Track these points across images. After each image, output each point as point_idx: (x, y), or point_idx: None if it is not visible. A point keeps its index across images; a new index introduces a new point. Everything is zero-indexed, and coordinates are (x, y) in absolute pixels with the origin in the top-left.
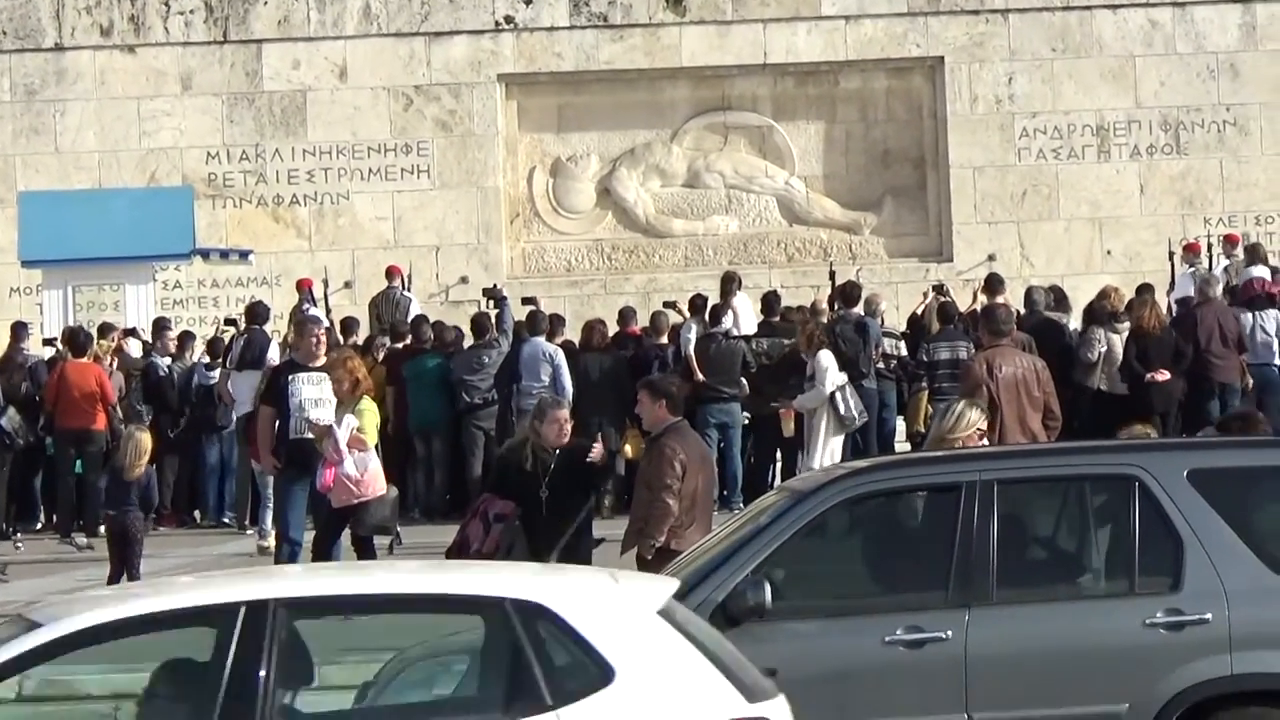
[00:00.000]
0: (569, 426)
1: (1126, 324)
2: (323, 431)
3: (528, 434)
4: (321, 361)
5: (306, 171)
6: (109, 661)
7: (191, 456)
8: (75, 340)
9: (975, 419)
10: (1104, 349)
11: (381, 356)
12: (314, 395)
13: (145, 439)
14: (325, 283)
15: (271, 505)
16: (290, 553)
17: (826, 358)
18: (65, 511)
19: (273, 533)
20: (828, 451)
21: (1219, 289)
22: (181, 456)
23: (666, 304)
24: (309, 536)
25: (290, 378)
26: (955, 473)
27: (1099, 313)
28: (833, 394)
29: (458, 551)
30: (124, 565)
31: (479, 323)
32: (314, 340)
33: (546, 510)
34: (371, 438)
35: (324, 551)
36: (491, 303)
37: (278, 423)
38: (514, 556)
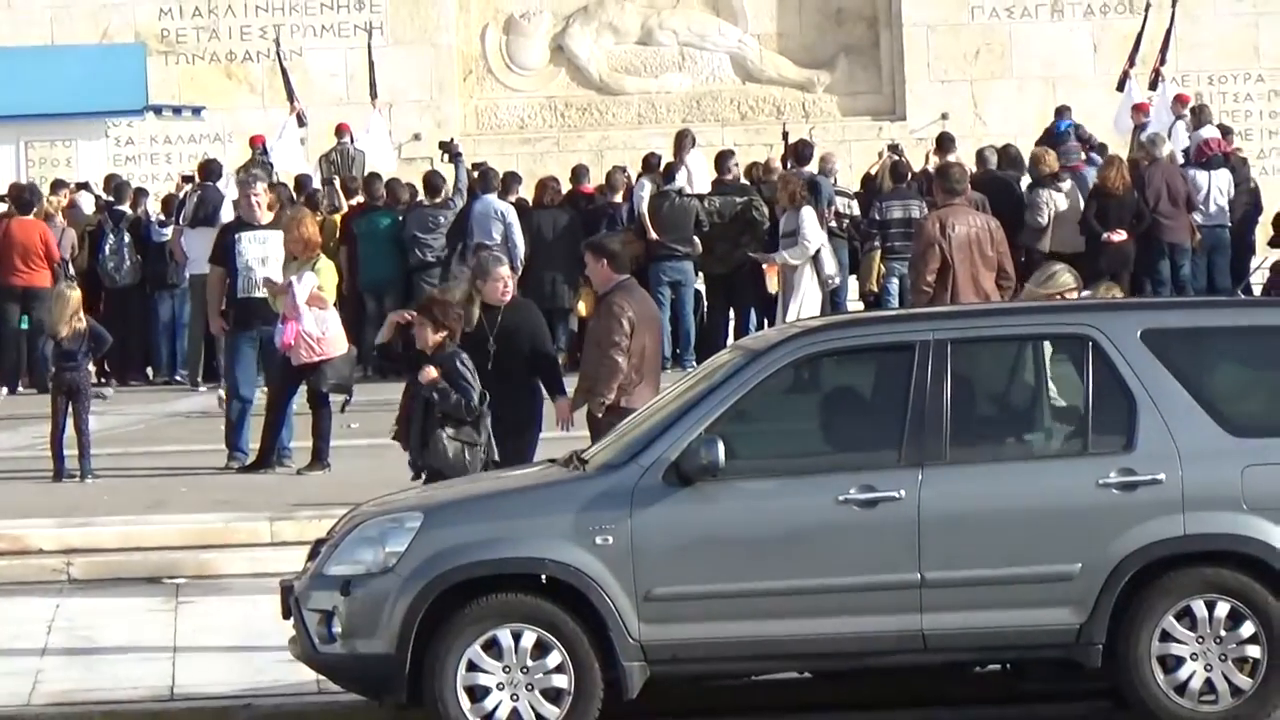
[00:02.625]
0: (511, 284)
1: (1068, 183)
2: (280, 290)
3: (470, 291)
4: (266, 220)
5: (259, 28)
6: None
7: (143, 313)
8: (20, 197)
9: (1069, 281)
10: (1054, 210)
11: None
12: (260, 254)
13: (70, 296)
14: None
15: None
16: (240, 410)
17: (810, 214)
18: (11, 368)
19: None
20: (806, 308)
21: (1166, 149)
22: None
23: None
24: (261, 395)
25: (236, 237)
26: (908, 332)
27: (1042, 175)
28: (816, 251)
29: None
30: (70, 420)
31: (432, 180)
32: (252, 199)
33: (493, 365)
34: (330, 296)
35: (279, 407)
36: (447, 158)
37: (227, 282)
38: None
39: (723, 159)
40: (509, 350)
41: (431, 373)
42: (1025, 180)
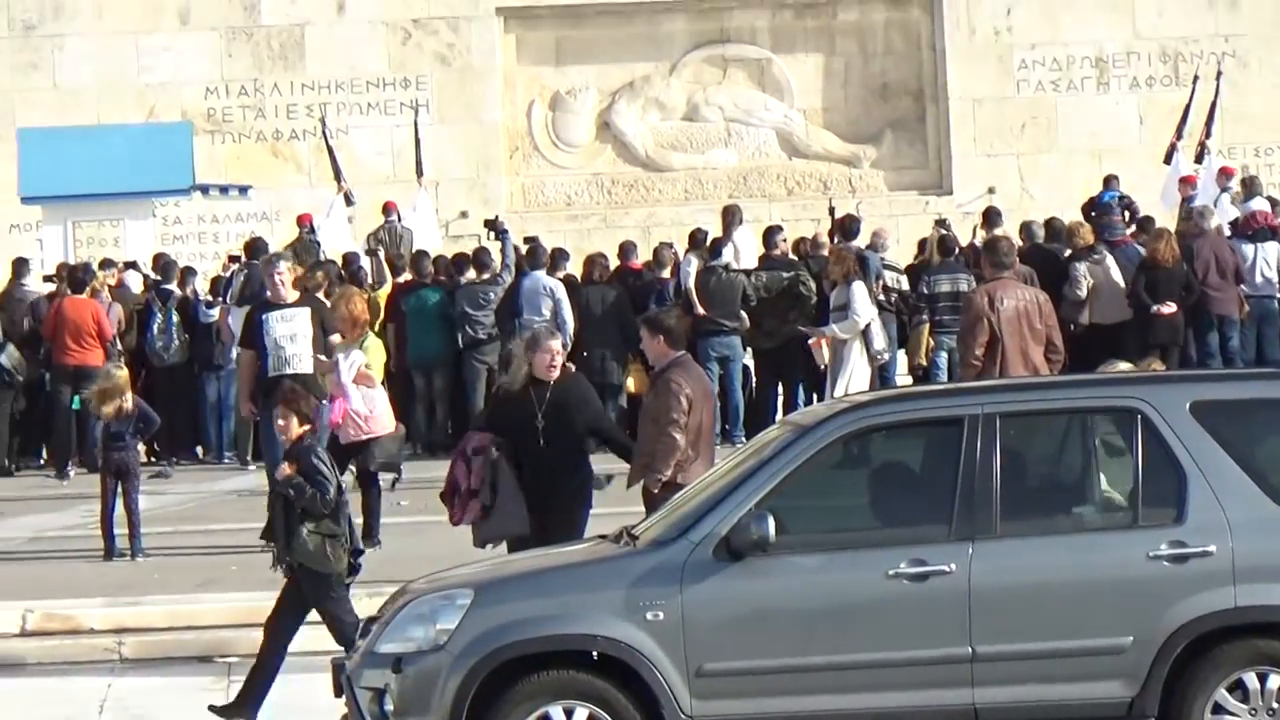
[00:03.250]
0: (560, 359)
1: (1105, 255)
2: (327, 368)
3: (523, 365)
4: (292, 298)
5: (305, 106)
6: None
7: (191, 392)
8: (74, 276)
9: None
10: (1094, 282)
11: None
12: (287, 332)
13: (117, 376)
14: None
15: None
16: None
17: (860, 289)
18: (62, 449)
19: None
20: (855, 383)
21: (1214, 221)
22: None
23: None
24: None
25: (263, 317)
26: (958, 406)
27: (1079, 248)
28: (866, 326)
29: (450, 495)
30: (119, 500)
31: (481, 257)
32: (276, 278)
33: (543, 442)
34: (378, 374)
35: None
36: (493, 234)
37: (258, 363)
38: (505, 492)
39: (770, 234)
40: (558, 424)
41: (287, 469)
42: (1067, 253)
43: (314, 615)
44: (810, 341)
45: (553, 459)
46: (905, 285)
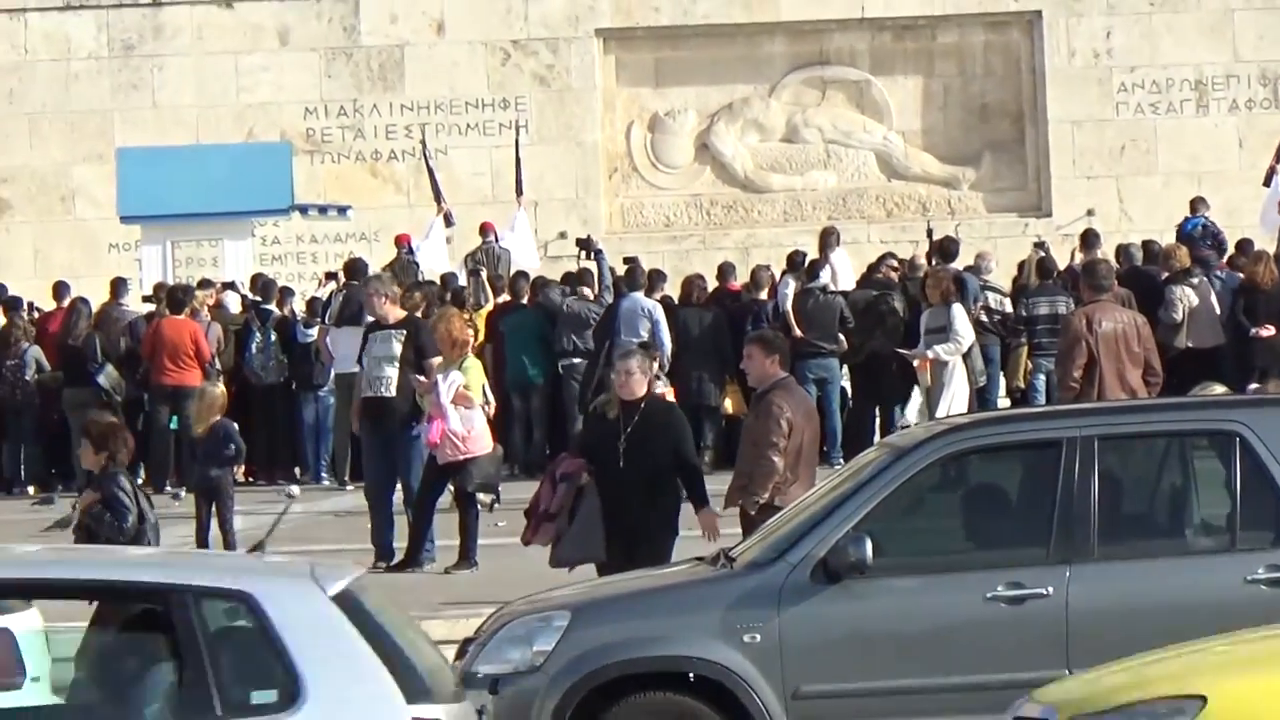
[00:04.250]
0: (635, 378)
1: (1199, 278)
2: (426, 389)
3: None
4: (394, 318)
5: (404, 126)
6: None
7: (289, 413)
8: (172, 296)
9: None
10: (1190, 305)
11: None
12: (382, 353)
13: (211, 394)
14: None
15: None
16: (380, 509)
17: (961, 311)
18: (159, 468)
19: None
20: (956, 405)
21: None
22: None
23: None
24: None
25: (369, 336)
26: (1056, 429)
27: (1175, 271)
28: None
29: (531, 513)
30: (214, 521)
31: (581, 278)
32: (373, 299)
33: (625, 464)
34: (477, 395)
35: (424, 506)
36: (586, 254)
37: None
38: (582, 517)
39: (878, 261)
40: (642, 451)
41: (90, 496)
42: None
43: None
44: (915, 364)
45: (633, 481)
46: (1009, 307)
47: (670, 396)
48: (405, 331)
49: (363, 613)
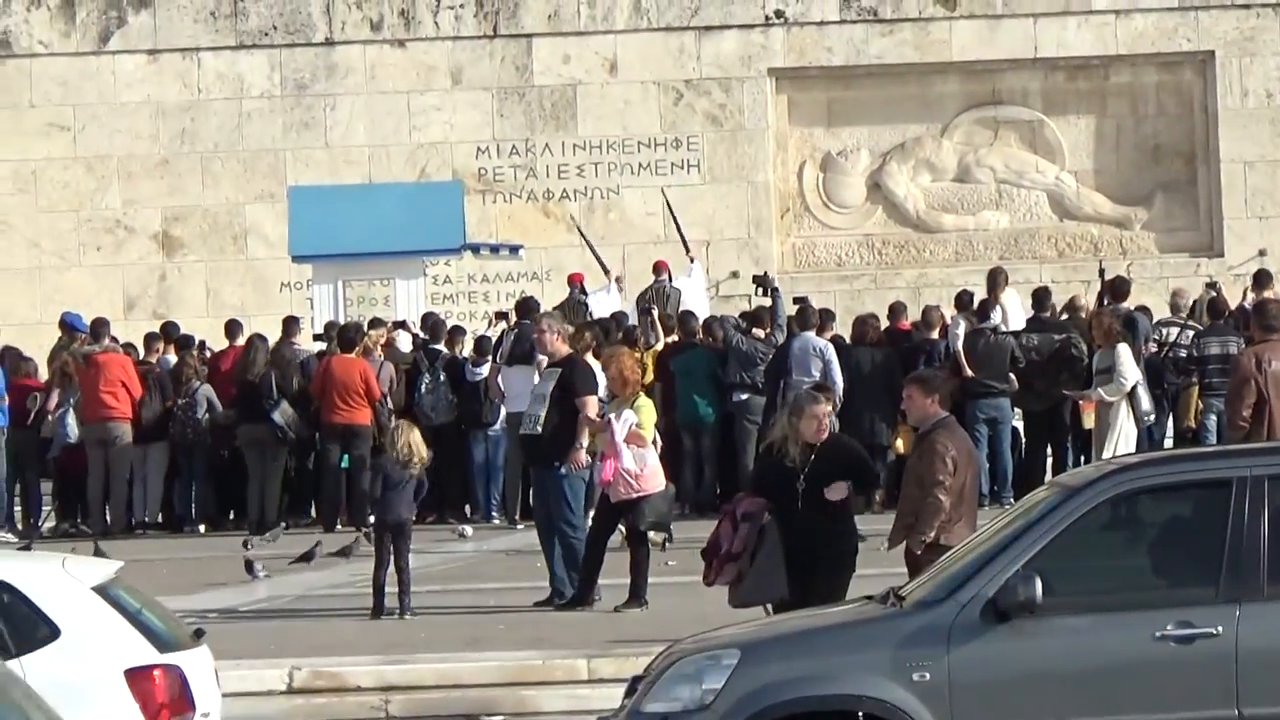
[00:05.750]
0: (828, 421)
1: None
2: (599, 428)
3: (786, 429)
4: (559, 355)
5: (576, 166)
6: None
7: (459, 452)
8: (344, 335)
9: None
10: None
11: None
12: (540, 391)
13: (417, 434)
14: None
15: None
16: (549, 545)
17: (1126, 351)
18: (331, 506)
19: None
20: (1124, 445)
21: None
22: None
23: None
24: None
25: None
26: (1226, 468)
27: None
28: (1133, 387)
29: (711, 553)
30: (392, 558)
31: (756, 316)
32: (546, 335)
33: (803, 505)
34: (649, 434)
35: (597, 544)
36: (762, 290)
37: None
38: (764, 556)
39: (1041, 296)
40: (819, 486)
41: None
42: None
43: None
44: (1081, 405)
45: (812, 521)
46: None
47: None
48: (558, 372)
49: (115, 594)
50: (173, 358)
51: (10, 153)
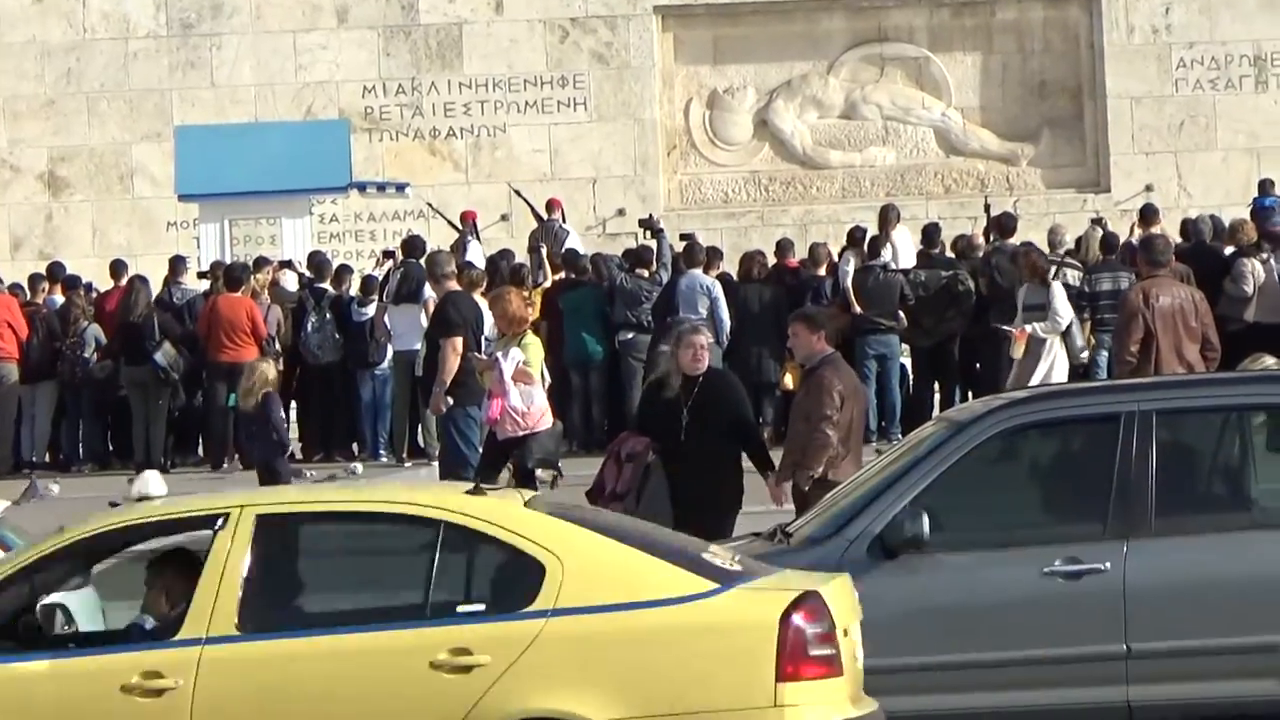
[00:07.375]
0: (705, 352)
1: (1268, 254)
2: (486, 366)
3: (669, 363)
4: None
5: (463, 104)
6: None
7: (345, 391)
8: (230, 274)
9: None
10: (1261, 280)
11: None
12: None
13: (258, 369)
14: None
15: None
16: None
17: (1060, 290)
18: (217, 445)
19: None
20: (1058, 375)
21: None
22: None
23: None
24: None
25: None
26: (1114, 403)
27: (1244, 244)
28: (1067, 326)
29: (596, 493)
30: None
31: (640, 255)
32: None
33: (686, 436)
34: (537, 372)
35: (485, 481)
36: (648, 233)
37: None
38: (650, 495)
39: (930, 233)
40: (703, 422)
41: None
42: (1228, 251)
43: None
44: (1014, 335)
45: (698, 455)
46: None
47: None
48: (492, 309)
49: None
50: (59, 298)
51: None
